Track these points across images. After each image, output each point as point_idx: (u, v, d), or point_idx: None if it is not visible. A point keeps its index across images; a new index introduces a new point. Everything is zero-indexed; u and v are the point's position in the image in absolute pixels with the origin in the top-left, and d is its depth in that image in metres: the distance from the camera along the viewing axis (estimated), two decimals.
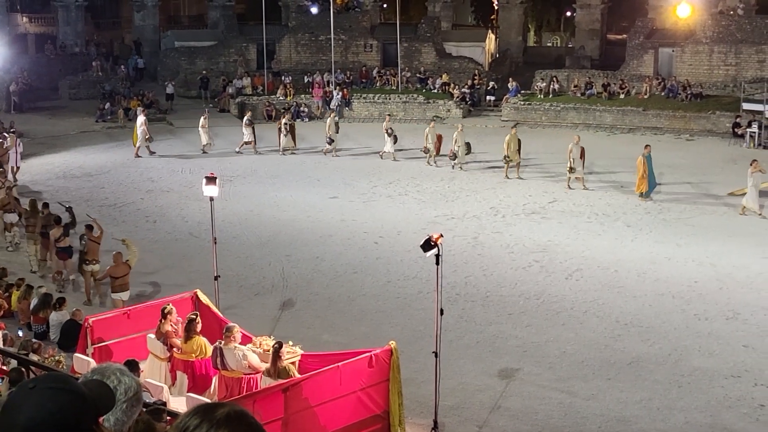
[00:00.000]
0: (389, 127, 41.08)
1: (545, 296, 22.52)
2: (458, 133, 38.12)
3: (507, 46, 70.06)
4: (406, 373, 16.03)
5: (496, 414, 16.18)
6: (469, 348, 19.23)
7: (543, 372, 18.03)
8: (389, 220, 30.04)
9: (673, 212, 31.10)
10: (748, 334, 20.00)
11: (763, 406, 16.48)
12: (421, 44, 62.19)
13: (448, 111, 54.15)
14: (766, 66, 55.30)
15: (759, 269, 24.62)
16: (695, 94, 52.27)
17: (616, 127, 50.66)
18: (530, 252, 26.38)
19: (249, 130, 42.95)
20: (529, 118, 52.68)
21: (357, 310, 21.68)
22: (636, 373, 17.98)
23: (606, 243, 27.38)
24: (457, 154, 38.02)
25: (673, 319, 20.95)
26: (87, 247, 22.96)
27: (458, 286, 23.15)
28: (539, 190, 34.51)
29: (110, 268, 21.45)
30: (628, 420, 15.97)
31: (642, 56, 59.13)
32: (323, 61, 60.72)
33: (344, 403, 14.14)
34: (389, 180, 36.40)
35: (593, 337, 19.82)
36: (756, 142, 44.89)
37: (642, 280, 23.85)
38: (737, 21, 57.59)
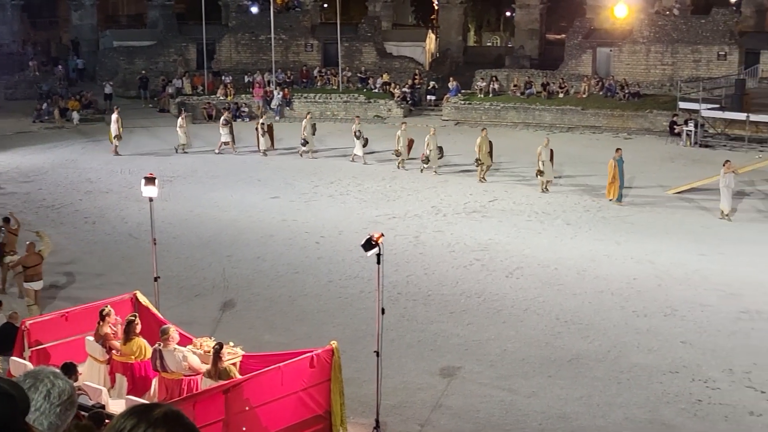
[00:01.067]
0: (358, 130, 40.18)
1: (486, 294, 22.62)
2: (430, 136, 37.37)
3: (447, 45, 70.34)
4: (348, 372, 16.01)
5: (437, 412, 16.22)
6: (411, 347, 19.25)
7: (484, 370, 18.11)
8: (330, 220, 29.99)
9: (612, 210, 31.42)
10: (685, 330, 20.27)
11: (701, 401, 16.70)
12: (361, 44, 62.22)
13: (389, 111, 54.22)
14: (701, 65, 56.14)
15: (696, 266, 24.96)
16: (633, 93, 52.91)
17: (556, 126, 51.08)
18: (471, 251, 26.49)
19: (226, 130, 42.54)
20: (470, 118, 52.93)
21: (298, 310, 21.61)
22: (576, 370, 18.13)
23: (546, 241, 27.58)
24: (429, 158, 37.27)
25: (612, 316, 21.16)
26: (5, 239, 23.37)
27: (400, 285, 23.18)
28: (480, 189, 34.68)
29: (22, 257, 21.87)
30: (568, 417, 16.09)
31: (580, 56, 59.73)
32: (264, 60, 60.49)
33: (286, 404, 14.08)
34: (330, 180, 36.35)
35: (534, 335, 19.95)
36: (692, 141, 45.53)
37: (582, 277, 24.06)
38: (673, 21, 58.41)
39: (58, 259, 24.92)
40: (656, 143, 45.50)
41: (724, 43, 56.06)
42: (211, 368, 14.38)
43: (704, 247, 26.84)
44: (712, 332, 20.14)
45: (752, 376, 17.76)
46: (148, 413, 3.36)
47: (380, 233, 14.82)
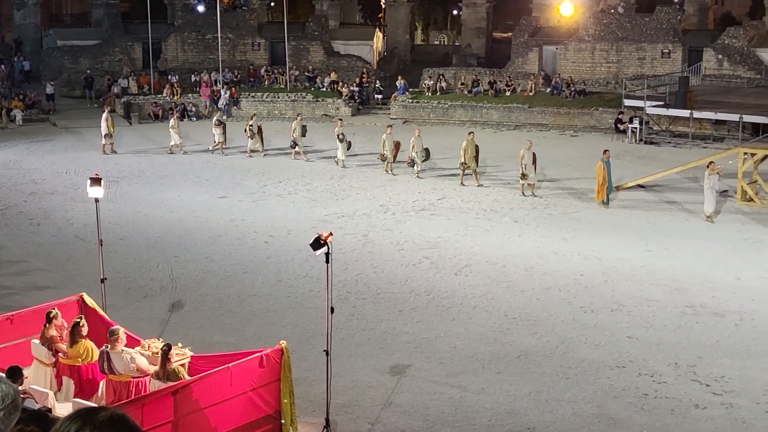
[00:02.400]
0: (341, 133, 38.79)
1: (435, 292, 22.69)
2: (415, 138, 36.48)
3: (395, 44, 70.53)
4: (298, 372, 15.98)
5: (387, 410, 16.25)
6: (361, 345, 19.27)
7: (434, 367, 18.16)
8: (279, 219, 29.92)
9: (559, 207, 31.67)
10: (632, 325, 20.48)
11: (647, 395, 16.88)
12: (309, 43, 62.16)
13: (337, 109, 54.19)
14: (645, 63, 56.81)
15: (642, 262, 25.24)
16: (579, 91, 53.38)
17: (503, 124, 51.37)
18: (420, 249, 26.56)
19: (219, 130, 42.09)
20: (418, 116, 53.06)
21: (247, 311, 21.52)
22: (524, 366, 18.25)
23: (494, 238, 27.73)
24: (415, 161, 36.45)
25: (560, 312, 21.32)
26: None
27: (349, 284, 23.18)
28: (428, 187, 34.80)
29: None
30: (517, 413, 16.19)
31: (527, 54, 60.18)
32: (210, 59, 60.23)
33: (235, 404, 14.02)
34: (279, 179, 36.27)
35: (483, 332, 20.05)
36: (637, 138, 46.03)
37: (529, 274, 24.22)
38: (618, 19, 59.02)
39: (2, 261, 24.61)
40: (602, 140, 45.87)
41: (668, 41, 56.78)
42: (159, 370, 14.28)
43: (650, 243, 27.14)
44: (658, 327, 20.38)
45: (697, 370, 18.00)
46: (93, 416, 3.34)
47: (329, 232, 14.81)
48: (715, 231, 28.62)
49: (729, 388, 17.18)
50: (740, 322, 20.69)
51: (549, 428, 15.62)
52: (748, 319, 20.86)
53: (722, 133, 46.56)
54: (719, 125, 46.64)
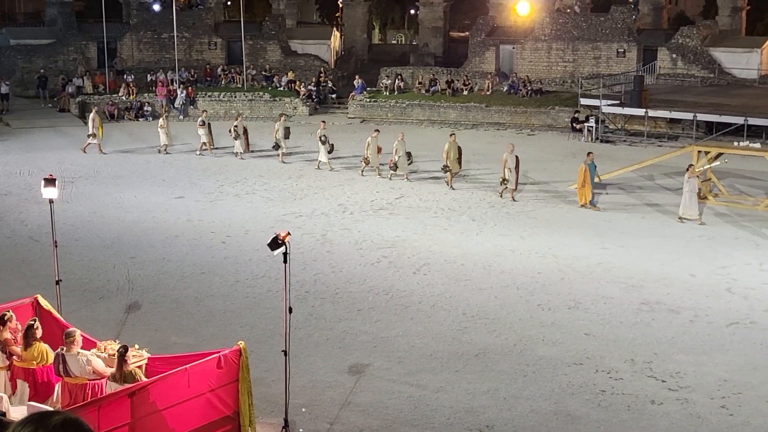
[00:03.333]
0: (323, 135, 38.05)
1: (394, 291, 22.71)
2: (398, 142, 35.70)
3: (352, 43, 70.51)
4: (256, 372, 15.93)
5: (346, 410, 16.24)
6: (319, 345, 19.24)
7: (392, 366, 18.18)
8: (237, 219, 29.81)
9: (517, 206, 31.83)
10: (589, 322, 20.62)
11: (604, 392, 17.00)
12: (266, 42, 61.99)
13: (294, 109, 54.13)
14: (601, 62, 57.24)
15: (598, 259, 25.42)
16: (535, 90, 53.67)
17: (460, 123, 51.56)
18: (378, 248, 26.57)
19: (204, 130, 41.53)
20: (375, 115, 53.13)
21: (205, 311, 21.41)
22: (483, 364, 18.31)
23: (452, 237, 27.80)
24: (397, 164, 35.65)
25: (517, 309, 21.42)
26: None
27: (307, 284, 23.14)
28: (386, 186, 34.83)
29: None
30: (476, 410, 16.24)
31: (484, 53, 60.43)
32: (167, 59, 59.90)
33: (193, 406, 13.94)
34: (236, 179, 36.14)
35: (441, 330, 20.09)
36: (593, 136, 46.39)
37: (487, 272, 24.30)
38: (574, 19, 59.45)
39: None
40: (558, 139, 46.21)
41: (623, 41, 57.24)
42: (115, 372, 14.18)
43: (606, 241, 27.35)
44: (614, 324, 20.53)
45: (653, 366, 18.16)
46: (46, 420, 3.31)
47: (287, 232, 14.77)
48: (669, 228, 28.90)
49: (684, 384, 17.35)
50: (695, 318, 20.91)
51: (507, 426, 15.69)
52: (703, 315, 21.09)
53: (677, 132, 47.05)
54: (674, 124, 47.14)
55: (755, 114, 42.69)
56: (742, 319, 20.83)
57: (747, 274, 24.25)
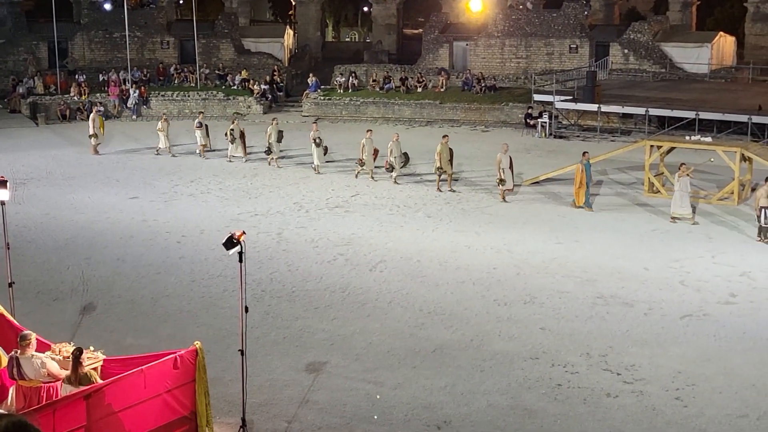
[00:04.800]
0: (317, 137, 37.10)
1: (350, 289, 22.72)
2: (393, 143, 34.91)
3: (306, 41, 70.41)
4: (213, 372, 15.87)
5: (304, 408, 16.22)
6: (276, 344, 19.20)
7: (350, 364, 18.18)
8: (192, 219, 29.67)
9: (472, 202, 31.95)
10: (544, 316, 20.75)
11: (561, 386, 17.12)
12: (219, 41, 61.75)
13: (248, 107, 54.01)
14: (554, 58, 57.60)
15: (552, 254, 25.60)
16: (489, 86, 53.90)
17: (415, 120, 51.71)
18: (335, 246, 26.56)
19: (201, 132, 40.67)
20: (330, 113, 53.12)
21: (161, 312, 21.29)
22: (440, 359, 18.37)
23: (408, 234, 27.86)
24: (393, 165, 34.87)
25: (474, 305, 21.51)
26: None
27: (264, 283, 23.09)
28: (342, 184, 34.84)
29: None
30: (433, 406, 16.29)
31: (437, 50, 60.58)
32: (119, 58, 59.51)
33: (150, 407, 13.86)
34: (191, 178, 35.97)
35: (398, 327, 20.13)
36: (547, 132, 46.70)
37: (444, 268, 24.38)
38: (526, 15, 59.77)
39: None
40: (512, 135, 46.44)
41: (575, 36, 57.65)
42: (70, 374, 14.06)
43: (561, 235, 27.54)
44: (569, 318, 20.69)
45: (608, 359, 18.32)
46: None
47: (242, 231, 14.72)
48: (623, 223, 29.16)
49: (639, 376, 17.52)
50: (649, 311, 21.12)
51: (465, 421, 15.75)
52: (657, 308, 21.31)
53: (629, 127, 47.52)
54: (626, 119, 47.59)
55: (706, 108, 43.19)
56: (696, 312, 21.08)
57: (700, 267, 24.53)
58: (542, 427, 15.53)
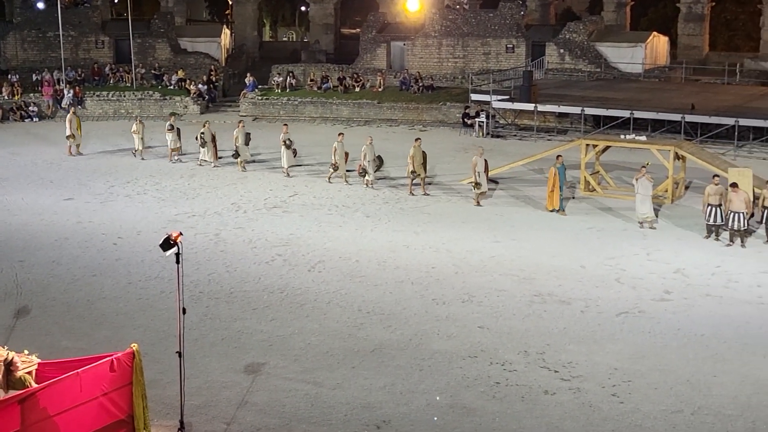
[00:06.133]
0: (287, 139, 36.14)
1: (289, 289, 22.66)
2: (367, 146, 33.95)
3: (243, 41, 70.08)
4: (151, 374, 15.75)
5: (243, 410, 16.15)
6: (214, 345, 19.09)
7: (289, 365, 18.14)
8: (128, 220, 29.37)
9: (410, 201, 32.03)
10: (483, 315, 20.88)
11: (499, 384, 17.24)
12: (155, 40, 61.24)
13: (185, 107, 53.59)
14: (491, 58, 57.94)
15: (491, 253, 25.76)
16: (427, 86, 54.06)
17: (353, 119, 51.71)
18: (273, 246, 26.47)
19: (172, 135, 39.28)
20: (268, 113, 52.92)
21: (97, 314, 21.05)
22: (379, 359, 18.40)
23: (347, 234, 27.86)
24: (366, 170, 34.10)
25: (412, 304, 21.57)
26: None
27: (201, 284, 22.94)
28: (280, 184, 34.73)
29: None
30: (372, 406, 16.32)
31: (375, 50, 60.65)
32: (53, 58, 58.74)
33: (86, 410, 13.70)
34: (127, 179, 35.61)
35: (337, 327, 20.13)
36: (484, 132, 46.95)
37: (382, 268, 24.42)
38: (463, 15, 60.08)
39: None
40: (450, 135, 46.64)
41: (512, 36, 58.05)
42: (1, 379, 13.85)
43: (498, 235, 27.72)
44: (507, 316, 20.84)
45: (546, 357, 18.49)
46: None
47: (179, 232, 14.62)
48: (559, 221, 29.42)
49: (576, 374, 17.70)
50: (586, 309, 21.34)
51: (404, 420, 15.80)
52: (593, 305, 21.54)
53: (565, 126, 47.97)
54: (562, 118, 48.03)
55: (640, 107, 43.78)
56: (631, 309, 21.35)
57: (635, 265, 24.85)
58: (481, 425, 15.63)
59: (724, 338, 19.56)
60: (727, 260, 25.26)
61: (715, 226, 27.08)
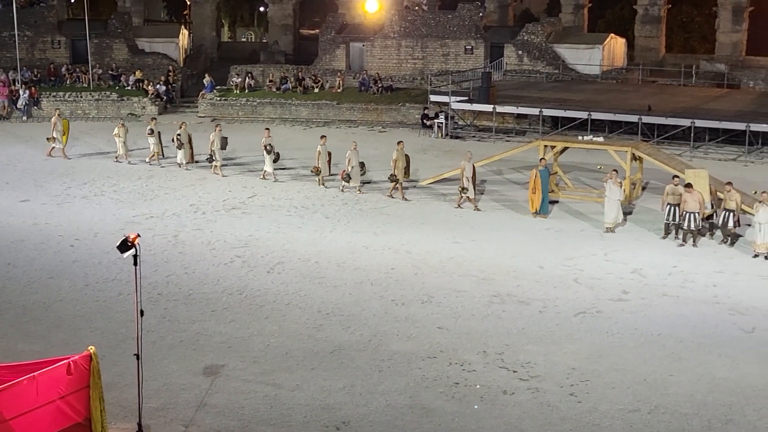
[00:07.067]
0: (268, 144, 35.31)
1: (248, 291, 22.59)
2: (351, 151, 33.38)
3: (201, 41, 69.76)
4: (108, 377, 15.64)
5: (202, 412, 16.09)
6: (173, 347, 18.99)
7: (248, 366, 18.09)
8: (85, 222, 29.14)
9: (370, 202, 32.05)
10: (442, 316, 20.94)
11: (458, 384, 17.30)
12: (112, 40, 60.81)
13: (143, 108, 53.26)
14: (450, 59, 58.13)
15: (450, 254, 25.83)
16: (386, 87, 54.11)
17: (312, 120, 51.65)
18: (232, 248, 26.38)
19: (153, 139, 38.42)
20: (226, 114, 52.72)
21: (54, 317, 20.87)
22: (338, 360, 18.39)
23: (306, 235, 27.82)
24: (350, 175, 33.36)
25: (372, 305, 21.58)
26: None
27: (160, 286, 22.81)
28: (239, 185, 34.61)
29: None
30: (332, 407, 16.31)
31: (334, 51, 60.63)
32: (8, 58, 58.14)
33: (42, 414, 13.58)
34: (84, 180, 35.33)
35: (296, 329, 20.10)
36: (443, 132, 47.08)
37: (342, 269, 24.41)
38: (422, 16, 60.24)
39: None
40: (409, 135, 46.67)
41: (470, 38, 58.27)
42: None
43: (457, 235, 27.80)
44: (466, 316, 20.91)
45: (504, 357, 18.57)
46: None
47: (136, 234, 14.54)
48: (518, 222, 29.57)
49: (534, 374, 17.80)
50: (544, 309, 21.47)
51: (363, 421, 15.81)
52: (551, 305, 21.68)
53: (524, 127, 48.21)
54: (521, 119, 48.27)
55: (598, 109, 44.12)
56: (589, 309, 21.50)
57: (593, 265, 25.03)
58: (440, 426, 15.67)
59: (680, 338, 19.76)
60: (684, 260, 25.53)
61: (674, 224, 27.37)
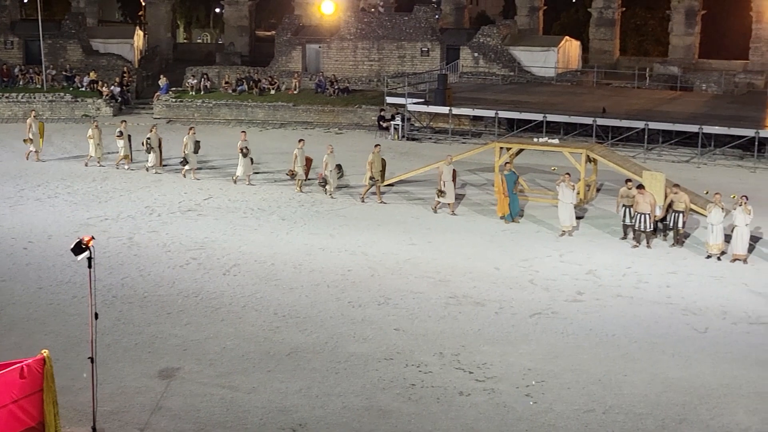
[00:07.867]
0: (245, 147, 34.94)
1: (204, 293, 22.49)
2: (328, 155, 33.01)
3: (156, 42, 69.45)
4: (62, 381, 15.51)
5: (157, 415, 15.99)
6: (128, 350, 18.86)
7: (204, 369, 18.01)
8: (39, 224, 28.85)
9: (326, 204, 32.03)
10: (398, 317, 20.97)
11: (414, 385, 17.33)
12: (66, 41, 60.37)
13: (98, 109, 52.88)
14: (406, 61, 58.28)
15: (406, 256, 25.87)
16: (342, 89, 54.14)
17: (268, 122, 51.53)
18: (187, 250, 26.24)
19: (123, 142, 37.65)
20: (182, 115, 52.48)
21: (6, 320, 20.64)
22: (295, 363, 18.37)
23: (262, 237, 27.74)
24: (327, 180, 33.09)
25: (328, 307, 21.57)
26: None
27: (115, 288, 22.64)
28: (194, 187, 34.44)
29: None
30: (288, 410, 16.28)
31: (290, 53, 60.60)
32: None
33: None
34: (37, 182, 34.97)
35: (252, 331, 20.04)
36: (400, 134, 47.16)
37: (298, 271, 24.37)
38: (378, 18, 60.32)
39: None
40: (366, 137, 46.73)
41: (426, 40, 58.44)
42: None
43: (414, 237, 27.86)
44: (423, 318, 20.96)
45: (461, 358, 18.64)
46: None
47: (91, 236, 14.43)
48: (474, 224, 29.68)
49: (491, 374, 17.88)
50: (500, 310, 21.57)
51: (320, 423, 15.79)
52: (507, 307, 21.78)
53: (480, 129, 48.42)
54: (477, 121, 48.48)
55: (553, 111, 44.42)
56: (544, 310, 21.64)
57: (548, 266, 25.19)
58: (396, 427, 15.70)
59: (634, 338, 19.94)
60: (638, 261, 25.76)
61: (630, 226, 27.65)
